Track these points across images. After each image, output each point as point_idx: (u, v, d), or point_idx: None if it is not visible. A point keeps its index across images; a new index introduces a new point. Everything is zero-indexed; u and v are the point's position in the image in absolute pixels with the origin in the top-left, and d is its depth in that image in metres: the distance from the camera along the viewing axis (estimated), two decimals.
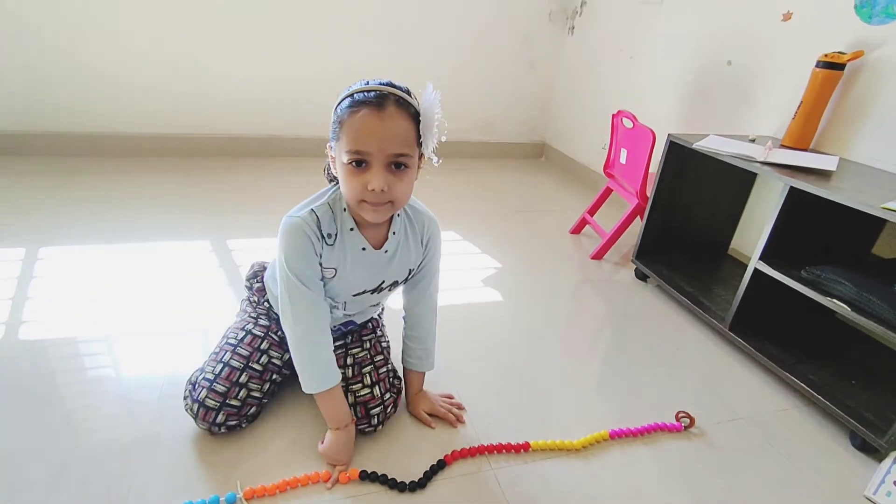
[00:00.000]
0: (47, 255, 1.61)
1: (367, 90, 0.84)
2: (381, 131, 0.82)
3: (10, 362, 1.18)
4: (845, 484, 1.08)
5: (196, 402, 0.98)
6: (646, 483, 1.04)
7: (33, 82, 2.29)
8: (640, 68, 2.41)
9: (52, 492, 0.90)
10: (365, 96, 0.83)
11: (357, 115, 0.82)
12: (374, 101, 0.82)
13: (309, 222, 0.91)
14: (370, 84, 0.85)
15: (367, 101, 0.82)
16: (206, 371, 1.01)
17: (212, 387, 0.98)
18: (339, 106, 0.85)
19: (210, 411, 0.98)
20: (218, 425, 0.99)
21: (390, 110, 0.82)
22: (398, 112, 0.83)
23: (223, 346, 1.06)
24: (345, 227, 0.94)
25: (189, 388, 1.01)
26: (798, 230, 1.36)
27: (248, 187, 2.32)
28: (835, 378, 1.30)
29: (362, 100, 0.82)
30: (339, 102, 0.86)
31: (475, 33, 2.81)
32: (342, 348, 1.12)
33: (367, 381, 1.07)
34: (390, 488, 0.96)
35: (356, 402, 1.04)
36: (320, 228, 0.92)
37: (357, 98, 0.83)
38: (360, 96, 0.83)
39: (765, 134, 1.78)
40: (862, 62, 1.49)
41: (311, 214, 0.91)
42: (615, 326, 1.60)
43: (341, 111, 0.84)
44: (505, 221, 2.28)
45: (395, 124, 0.83)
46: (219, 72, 2.50)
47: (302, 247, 0.91)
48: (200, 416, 0.98)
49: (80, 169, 2.30)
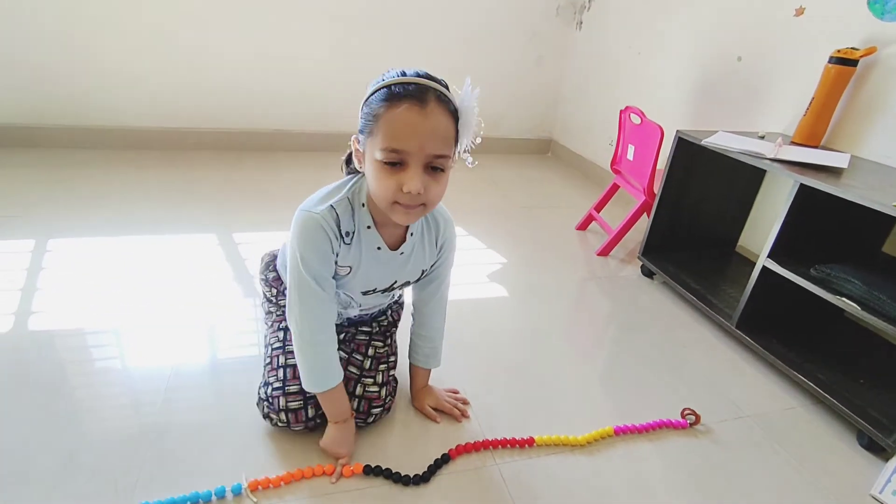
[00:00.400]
0: (56, 247, 1.63)
1: (407, 82, 0.76)
2: (423, 129, 0.75)
3: (19, 353, 1.19)
4: (851, 483, 1.08)
5: (282, 411, 0.98)
6: (650, 480, 1.04)
7: (41, 76, 2.31)
8: (649, 64, 2.39)
9: (60, 481, 0.90)
10: (405, 89, 0.75)
11: (397, 111, 0.74)
12: (415, 94, 0.75)
13: (328, 219, 0.85)
14: (408, 75, 0.78)
15: (408, 94, 0.75)
16: (272, 383, 1.01)
17: (285, 391, 0.99)
18: (373, 97, 0.78)
19: (299, 412, 0.99)
20: (312, 419, 1.00)
21: (432, 106, 0.75)
22: (439, 108, 0.76)
23: (272, 354, 1.05)
24: (362, 224, 0.89)
25: (265, 405, 1.00)
26: (808, 228, 1.35)
27: (254, 181, 2.32)
28: (843, 377, 1.29)
29: (402, 93, 0.75)
30: (372, 93, 0.78)
31: (482, 28, 2.79)
32: (366, 335, 1.12)
33: (379, 379, 1.07)
34: (394, 482, 0.96)
35: (363, 396, 1.04)
36: (339, 227, 0.87)
37: (395, 91, 0.75)
38: (399, 89, 0.75)
39: (775, 130, 1.76)
40: (875, 58, 1.47)
41: (330, 211, 0.86)
42: (621, 323, 1.59)
43: (376, 103, 0.77)
44: (511, 217, 2.27)
45: (438, 122, 0.76)
46: (226, 66, 2.50)
47: (320, 246, 0.86)
48: (293, 421, 0.99)
49: (88, 162, 2.31)
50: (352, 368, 1.06)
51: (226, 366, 1.22)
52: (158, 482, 0.92)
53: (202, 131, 2.61)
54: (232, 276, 1.58)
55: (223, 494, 0.90)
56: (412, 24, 2.68)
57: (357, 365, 1.07)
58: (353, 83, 2.70)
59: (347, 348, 1.09)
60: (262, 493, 0.92)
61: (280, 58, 2.55)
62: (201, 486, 0.91)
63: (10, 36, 2.21)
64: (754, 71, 1.86)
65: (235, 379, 1.17)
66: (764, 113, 1.83)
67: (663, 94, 2.31)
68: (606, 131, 2.68)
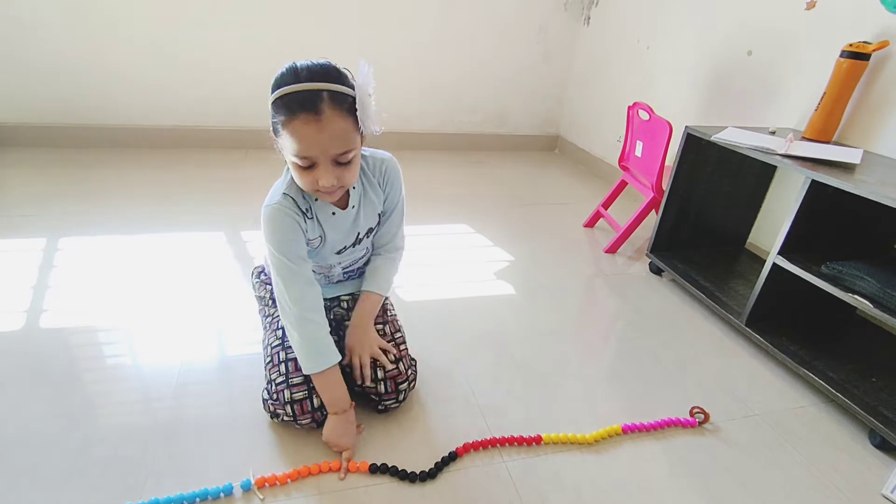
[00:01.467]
0: (67, 246, 1.64)
1: (298, 91, 0.81)
2: (322, 138, 0.82)
3: (31, 350, 1.21)
4: (863, 482, 1.07)
5: (287, 404, 0.99)
6: (658, 478, 1.03)
7: (53, 78, 2.33)
8: (657, 59, 2.37)
9: (71, 476, 0.92)
10: (297, 99, 0.81)
11: (294, 123, 0.81)
12: (308, 104, 0.80)
13: (287, 204, 0.95)
14: (300, 76, 0.82)
15: (302, 106, 0.80)
16: (275, 379, 1.02)
17: (289, 383, 1.00)
18: (273, 105, 0.84)
19: (304, 402, 0.99)
20: (318, 409, 1.00)
21: (327, 113, 0.81)
22: (334, 112, 0.82)
23: (271, 352, 1.06)
24: (311, 199, 0.98)
25: (271, 403, 1.02)
26: (819, 224, 1.33)
27: (261, 179, 2.32)
28: (854, 375, 1.28)
29: (296, 105, 0.81)
30: (273, 98, 0.84)
31: (489, 24, 2.78)
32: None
33: (390, 357, 1.08)
34: (401, 480, 0.96)
35: (385, 378, 1.06)
36: (299, 206, 0.96)
37: (289, 103, 0.81)
38: (293, 100, 0.81)
39: (785, 126, 1.74)
40: (887, 52, 1.44)
41: (285, 198, 0.95)
42: (629, 321, 1.58)
43: (276, 112, 0.83)
44: (518, 214, 2.26)
45: (334, 126, 0.82)
46: (236, 64, 2.51)
47: (288, 228, 0.95)
48: (299, 413, 0.99)
49: (99, 161, 2.33)
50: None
51: (235, 363, 1.23)
52: (168, 477, 0.93)
53: (212, 129, 2.62)
54: (240, 274, 1.59)
55: (231, 491, 0.90)
56: (418, 22, 2.67)
57: None
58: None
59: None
60: (269, 491, 0.92)
61: (287, 56, 2.54)
62: (210, 482, 0.91)
63: (21, 38, 2.23)
64: (765, 65, 1.84)
65: (244, 375, 1.18)
66: (774, 108, 1.81)
67: (672, 90, 2.29)
68: (614, 128, 2.66)
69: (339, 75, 0.85)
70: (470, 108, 2.98)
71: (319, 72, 0.83)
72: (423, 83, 2.82)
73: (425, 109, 2.90)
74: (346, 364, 1.07)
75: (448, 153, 2.97)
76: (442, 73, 2.83)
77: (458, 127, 3.01)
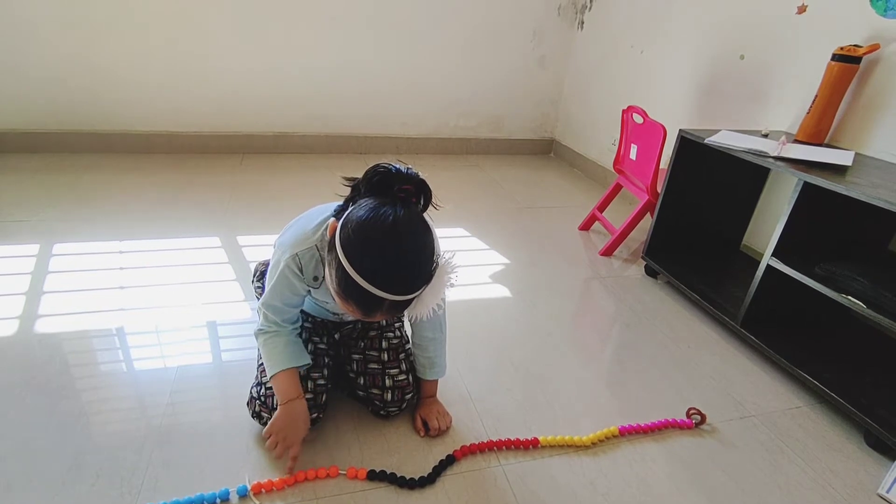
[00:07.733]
0: (61, 251, 1.63)
1: (382, 297, 0.74)
2: (374, 317, 0.79)
3: (25, 356, 1.20)
4: (858, 482, 1.07)
5: (275, 409, 0.98)
6: (656, 480, 1.03)
7: (48, 82, 2.32)
8: (651, 63, 2.39)
9: (66, 483, 0.91)
10: (373, 298, 0.74)
11: (357, 297, 0.75)
12: (380, 307, 0.76)
13: (291, 267, 0.90)
14: (394, 281, 0.74)
15: (377, 304, 0.75)
16: (265, 382, 1.01)
17: None
18: (348, 264, 0.74)
19: None
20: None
21: (385, 310, 0.77)
22: (393, 310, 0.78)
23: None
24: None
25: (257, 403, 1.02)
26: (812, 226, 1.34)
27: (257, 184, 2.33)
28: (849, 375, 1.29)
29: (372, 295, 0.74)
30: (351, 258, 0.74)
31: (484, 29, 2.79)
32: (376, 331, 1.12)
33: (402, 367, 1.08)
34: (399, 486, 0.96)
35: (394, 386, 1.06)
36: (302, 272, 0.91)
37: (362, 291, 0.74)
38: (371, 290, 0.73)
39: (778, 129, 1.75)
40: (878, 55, 1.46)
41: (294, 259, 0.89)
42: (625, 323, 1.59)
43: (351, 259, 0.74)
44: (513, 218, 2.27)
45: (388, 315, 0.80)
46: (229, 70, 2.51)
47: (286, 286, 0.92)
48: None
49: (93, 166, 2.32)
50: (372, 364, 1.08)
51: (230, 368, 1.23)
52: (163, 484, 0.92)
53: (206, 135, 2.62)
54: (236, 279, 1.58)
55: (227, 497, 0.90)
56: (414, 27, 2.68)
57: (376, 360, 1.08)
58: (354, 84, 2.72)
59: (358, 347, 1.10)
60: (265, 496, 0.92)
61: (282, 61, 2.55)
62: (206, 488, 0.91)
63: (18, 44, 2.22)
64: (757, 69, 1.85)
65: (239, 381, 1.17)
66: (767, 111, 1.82)
67: (666, 94, 2.30)
68: (609, 131, 2.68)
69: (428, 276, 0.79)
70: (465, 113, 2.99)
71: (411, 268, 0.77)
72: (418, 88, 2.83)
73: (421, 114, 2.91)
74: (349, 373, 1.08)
75: (444, 157, 2.98)
76: (437, 78, 2.84)
77: (454, 131, 3.01)
